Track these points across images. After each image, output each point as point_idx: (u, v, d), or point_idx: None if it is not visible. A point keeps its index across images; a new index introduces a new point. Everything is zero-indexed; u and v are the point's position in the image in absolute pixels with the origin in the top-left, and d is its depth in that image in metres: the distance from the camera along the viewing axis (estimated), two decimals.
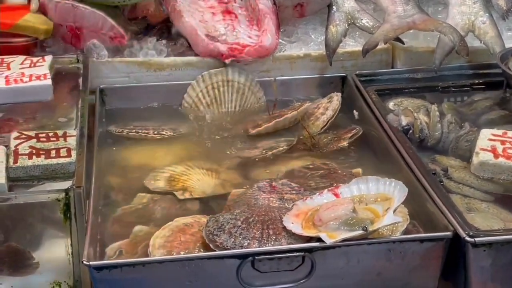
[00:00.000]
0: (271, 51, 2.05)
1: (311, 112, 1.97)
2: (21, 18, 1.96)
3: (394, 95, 2.00)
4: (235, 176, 1.73)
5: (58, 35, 2.08)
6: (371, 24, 2.11)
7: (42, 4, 2.06)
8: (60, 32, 2.07)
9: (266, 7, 2.10)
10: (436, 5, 2.27)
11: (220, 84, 2.01)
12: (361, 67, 2.09)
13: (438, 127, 1.80)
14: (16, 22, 1.95)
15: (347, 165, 1.77)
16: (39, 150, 1.55)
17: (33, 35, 2.00)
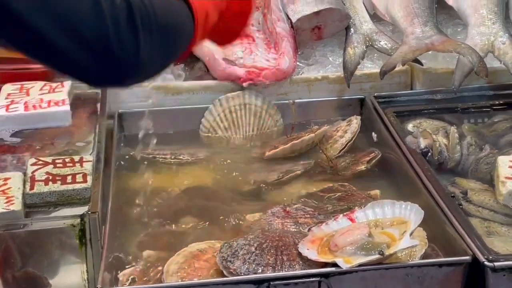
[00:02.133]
0: (288, 74, 2.04)
1: (330, 135, 1.96)
2: None
3: (413, 117, 1.98)
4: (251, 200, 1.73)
5: None
6: (389, 46, 2.10)
7: None
8: None
9: (283, 30, 2.10)
10: (455, 25, 2.25)
11: (237, 107, 2.01)
12: (380, 89, 2.08)
13: (458, 149, 1.78)
14: None
15: (365, 188, 1.76)
16: (55, 176, 1.56)
17: None
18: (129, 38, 1.10)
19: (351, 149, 1.93)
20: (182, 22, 1.30)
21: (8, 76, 1.96)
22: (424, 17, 2.09)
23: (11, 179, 1.54)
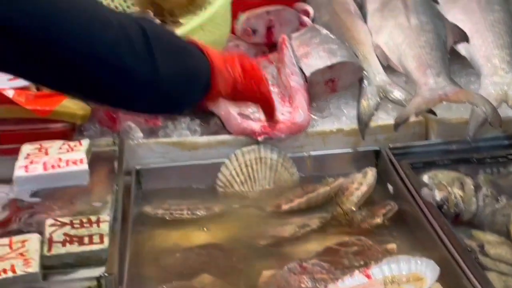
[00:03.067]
0: (303, 127, 2.06)
1: (346, 187, 1.96)
2: (58, 104, 2.02)
3: (428, 168, 1.97)
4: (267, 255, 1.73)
5: (95, 119, 2.14)
6: (403, 97, 2.12)
7: None
8: (96, 115, 2.13)
9: (297, 84, 2.13)
10: (468, 75, 2.26)
11: (253, 161, 2.03)
12: (395, 140, 2.08)
13: (473, 201, 1.77)
14: (54, 108, 2.01)
15: (381, 241, 1.75)
16: (72, 237, 1.58)
17: (70, 121, 2.06)
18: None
19: (367, 201, 1.93)
20: (197, 62, 1.41)
21: (27, 136, 1.99)
22: (437, 68, 2.10)
23: (28, 241, 1.56)
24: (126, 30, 1.21)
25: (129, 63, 1.19)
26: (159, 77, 1.24)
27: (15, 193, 1.84)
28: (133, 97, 1.27)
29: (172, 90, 1.32)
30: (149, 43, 1.23)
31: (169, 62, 1.28)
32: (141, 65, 1.21)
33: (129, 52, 1.20)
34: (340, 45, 2.23)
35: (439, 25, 2.26)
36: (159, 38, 1.28)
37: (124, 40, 1.19)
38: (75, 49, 1.15)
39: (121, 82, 1.22)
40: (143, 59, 1.22)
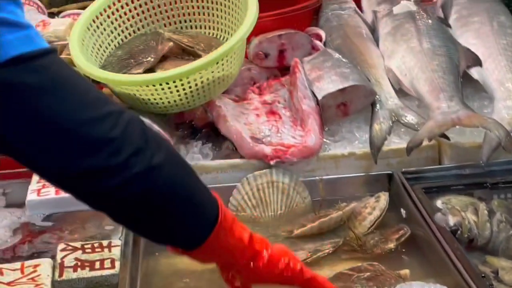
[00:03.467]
0: (315, 151, 2.06)
1: (358, 211, 1.95)
2: None
3: (441, 193, 1.96)
4: None
5: None
6: (416, 121, 2.11)
7: None
8: None
9: (309, 108, 2.12)
10: (481, 99, 2.25)
11: (265, 185, 2.02)
12: (408, 164, 2.07)
13: (487, 227, 1.76)
14: None
15: (394, 267, 1.74)
16: (84, 262, 1.57)
17: None
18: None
19: (380, 226, 1.91)
20: (204, 191, 1.34)
21: None
22: (449, 92, 2.09)
23: (40, 265, 1.56)
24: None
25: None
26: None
27: (27, 217, 1.84)
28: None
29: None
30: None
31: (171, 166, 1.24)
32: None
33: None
34: (352, 69, 2.23)
35: (451, 48, 2.25)
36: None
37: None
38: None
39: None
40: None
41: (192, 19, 2.49)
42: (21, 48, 1.09)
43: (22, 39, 1.10)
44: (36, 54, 1.11)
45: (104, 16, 2.37)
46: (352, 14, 2.64)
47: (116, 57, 2.29)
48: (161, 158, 1.20)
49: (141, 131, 1.19)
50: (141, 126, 1.21)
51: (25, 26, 1.13)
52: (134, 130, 1.18)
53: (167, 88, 2.08)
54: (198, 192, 1.31)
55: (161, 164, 1.19)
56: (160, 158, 1.20)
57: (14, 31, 1.10)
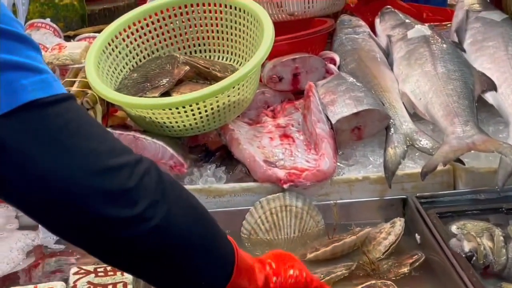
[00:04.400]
0: (329, 175, 2.05)
1: (373, 236, 1.94)
2: None
3: (456, 218, 1.94)
4: None
5: None
6: (430, 146, 2.10)
7: None
8: None
9: (323, 131, 2.12)
10: (496, 124, 2.24)
11: (278, 209, 2.02)
12: (422, 189, 2.06)
13: (503, 253, 1.73)
14: None
15: None
16: (96, 285, 1.57)
17: None
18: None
19: (394, 251, 1.90)
20: (221, 236, 1.30)
21: None
22: (464, 116, 2.08)
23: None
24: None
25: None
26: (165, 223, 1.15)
27: (40, 240, 1.84)
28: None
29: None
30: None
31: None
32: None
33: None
34: (366, 93, 2.23)
35: (466, 73, 2.25)
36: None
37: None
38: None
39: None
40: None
41: (207, 43, 2.51)
42: (35, 93, 1.07)
43: (38, 84, 1.08)
44: (51, 100, 1.08)
45: (119, 39, 2.39)
46: (366, 38, 2.65)
47: (131, 80, 2.31)
48: (178, 210, 1.17)
49: (157, 182, 1.16)
50: (157, 176, 1.17)
51: (42, 71, 1.10)
52: (150, 180, 1.15)
53: (183, 112, 2.08)
54: (216, 242, 1.28)
55: (177, 217, 1.17)
56: (177, 210, 1.17)
57: (30, 76, 1.08)
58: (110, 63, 2.35)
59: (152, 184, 1.15)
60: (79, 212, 1.09)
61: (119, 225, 1.11)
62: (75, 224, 1.11)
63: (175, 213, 1.17)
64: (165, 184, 1.18)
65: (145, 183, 1.14)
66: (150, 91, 2.19)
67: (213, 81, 2.24)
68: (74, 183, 1.08)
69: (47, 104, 1.08)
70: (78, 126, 1.11)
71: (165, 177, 1.20)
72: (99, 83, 2.16)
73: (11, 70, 1.05)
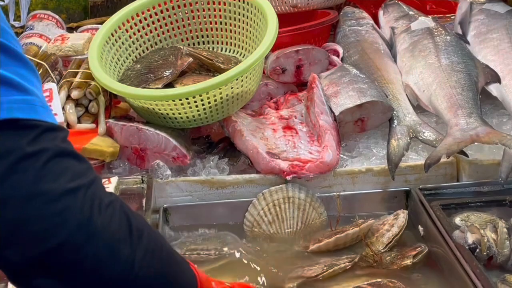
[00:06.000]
0: (332, 167, 2.04)
1: (376, 228, 1.94)
2: (88, 141, 2.03)
3: (460, 210, 1.94)
4: None
5: (124, 157, 2.15)
6: (434, 138, 2.09)
7: (108, 127, 2.14)
8: (125, 153, 2.14)
9: (326, 123, 2.11)
10: (500, 116, 2.23)
11: (281, 201, 2.01)
12: (425, 181, 2.05)
13: (507, 245, 1.73)
14: (83, 146, 2.02)
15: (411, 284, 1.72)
16: None
17: (100, 158, 2.06)
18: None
19: (397, 243, 1.90)
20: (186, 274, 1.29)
21: None
22: (468, 108, 2.08)
23: None
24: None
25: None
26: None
27: None
28: None
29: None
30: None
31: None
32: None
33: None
34: (369, 85, 2.23)
35: (470, 65, 2.24)
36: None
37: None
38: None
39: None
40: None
41: (210, 34, 2.50)
42: (12, 112, 0.98)
43: (19, 104, 1.00)
44: (30, 124, 1.00)
45: (122, 30, 2.39)
46: (370, 30, 2.64)
47: (134, 71, 2.30)
48: (146, 262, 1.13)
49: (128, 232, 1.11)
50: (129, 225, 1.12)
51: (29, 92, 1.02)
52: (120, 231, 1.10)
53: (186, 103, 2.08)
54: (179, 276, 1.27)
55: (144, 269, 1.12)
56: (145, 261, 1.12)
57: (12, 93, 1.00)
58: (113, 54, 2.34)
59: (121, 222, 1.10)
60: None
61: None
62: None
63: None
64: (132, 222, 1.13)
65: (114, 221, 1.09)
66: (153, 82, 2.18)
67: (216, 73, 2.23)
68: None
69: (23, 127, 1.00)
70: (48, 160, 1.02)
71: (131, 213, 1.15)
72: (102, 74, 2.16)
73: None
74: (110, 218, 1.08)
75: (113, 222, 1.08)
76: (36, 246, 1.01)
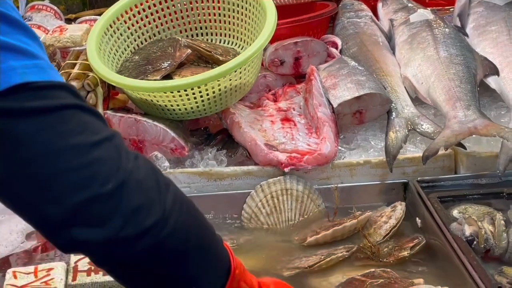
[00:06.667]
0: (330, 159, 2.04)
1: (374, 220, 1.94)
2: None
3: (457, 202, 1.94)
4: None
5: None
6: (432, 130, 2.09)
7: (106, 118, 2.14)
8: None
9: (325, 115, 2.11)
10: (498, 108, 2.23)
11: (279, 193, 2.01)
12: (423, 173, 2.05)
13: (504, 237, 1.73)
14: None
15: (408, 275, 1.73)
16: None
17: None
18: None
19: (395, 235, 1.90)
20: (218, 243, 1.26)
21: None
22: (466, 101, 2.08)
23: (54, 269, 1.56)
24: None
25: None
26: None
27: None
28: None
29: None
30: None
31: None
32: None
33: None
34: (368, 77, 2.23)
35: (468, 57, 2.24)
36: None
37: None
38: None
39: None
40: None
41: (209, 26, 2.50)
42: (26, 77, 1.02)
43: (30, 68, 1.04)
44: (45, 85, 1.04)
45: (120, 21, 2.38)
46: (369, 22, 2.64)
47: (132, 63, 2.30)
48: (176, 211, 1.14)
49: (155, 181, 1.13)
50: (156, 176, 1.14)
51: (36, 56, 1.06)
52: (149, 179, 1.12)
53: (185, 95, 2.08)
54: (212, 245, 1.25)
55: (175, 217, 1.14)
56: (175, 211, 1.14)
57: (21, 58, 1.03)
58: (111, 46, 2.34)
59: (151, 183, 1.12)
60: (59, 197, 1.06)
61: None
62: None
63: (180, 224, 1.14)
64: (161, 183, 1.14)
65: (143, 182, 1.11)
66: (151, 74, 2.18)
67: (214, 65, 2.23)
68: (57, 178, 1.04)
69: (40, 88, 1.03)
70: (68, 114, 1.06)
71: (161, 175, 1.16)
72: (100, 65, 2.15)
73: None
74: (138, 168, 1.11)
75: (141, 171, 1.11)
76: (72, 197, 1.04)
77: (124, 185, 1.07)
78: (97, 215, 1.06)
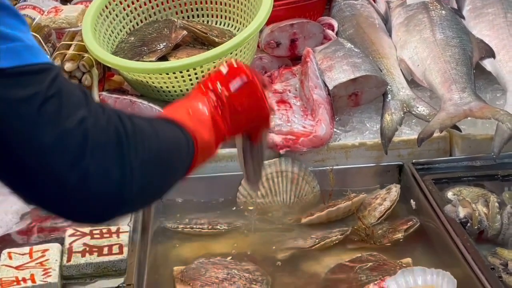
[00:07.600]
0: (325, 141, 2.05)
1: (368, 202, 1.95)
2: None
3: (452, 184, 1.95)
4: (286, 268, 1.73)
5: None
6: (427, 112, 2.09)
7: (102, 100, 2.14)
8: None
9: (320, 97, 2.11)
10: (494, 91, 2.23)
11: (274, 175, 2.02)
12: (418, 155, 2.06)
13: (498, 219, 1.74)
14: None
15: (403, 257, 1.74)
16: (92, 247, 1.58)
17: None
18: (113, 172, 1.05)
19: (389, 217, 1.91)
20: (177, 149, 1.31)
21: None
22: (462, 83, 2.08)
23: (49, 250, 1.57)
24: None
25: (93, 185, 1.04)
26: (124, 198, 1.08)
27: None
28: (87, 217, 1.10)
29: (140, 204, 1.22)
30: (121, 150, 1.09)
31: (142, 175, 1.12)
32: (105, 184, 1.05)
33: (96, 169, 1.05)
34: (364, 59, 2.22)
35: (465, 40, 2.24)
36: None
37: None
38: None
39: (77, 203, 1.05)
40: (110, 176, 1.06)
41: (204, 7, 2.48)
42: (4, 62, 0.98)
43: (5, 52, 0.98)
44: (12, 72, 0.99)
45: (116, 2, 2.37)
46: (365, 4, 2.63)
47: (128, 44, 2.29)
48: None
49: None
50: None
51: (13, 39, 1.01)
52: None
53: (180, 77, 2.08)
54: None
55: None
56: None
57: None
58: (106, 27, 2.33)
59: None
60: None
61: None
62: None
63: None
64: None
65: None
66: (147, 55, 2.17)
67: (210, 46, 2.23)
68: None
69: (6, 75, 0.98)
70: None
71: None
72: (96, 46, 2.15)
73: None
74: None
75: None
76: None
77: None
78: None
